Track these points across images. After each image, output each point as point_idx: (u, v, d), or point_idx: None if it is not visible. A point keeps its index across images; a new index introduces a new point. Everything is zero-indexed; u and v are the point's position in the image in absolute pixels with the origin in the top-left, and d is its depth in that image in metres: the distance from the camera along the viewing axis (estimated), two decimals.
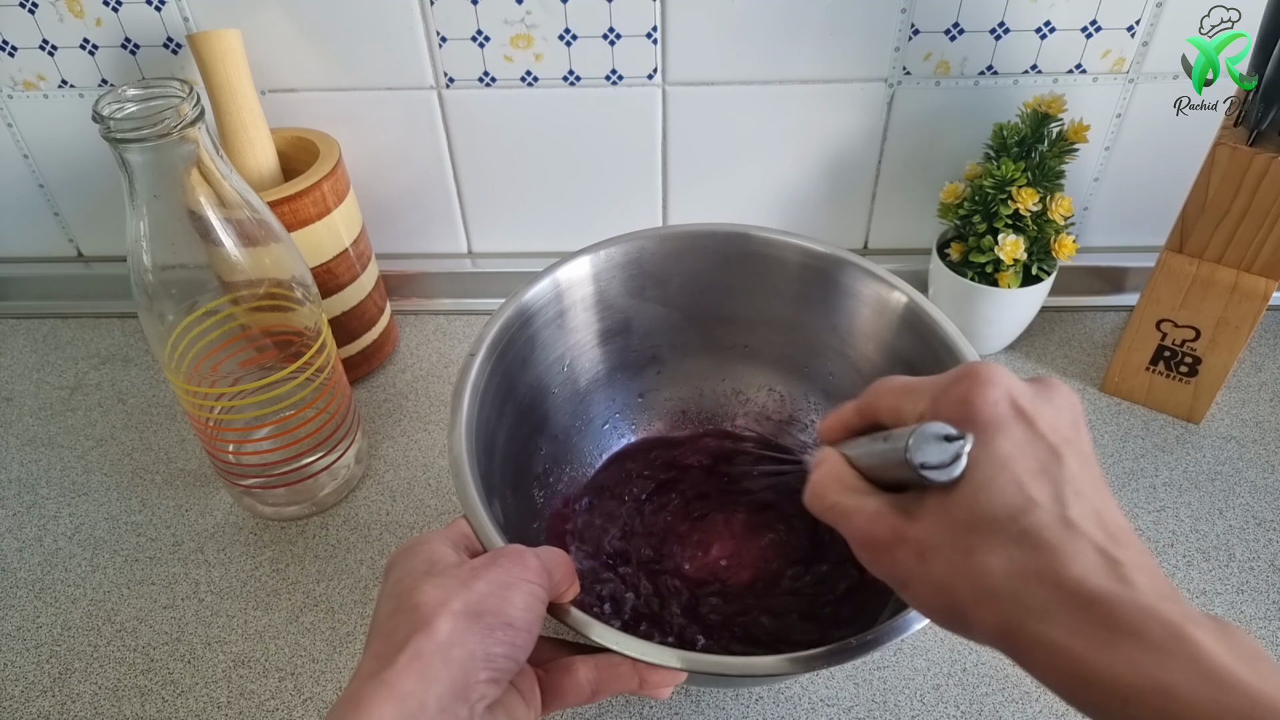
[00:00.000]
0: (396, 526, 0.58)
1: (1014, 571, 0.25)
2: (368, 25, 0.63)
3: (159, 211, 0.45)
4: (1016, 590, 0.25)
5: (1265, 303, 0.56)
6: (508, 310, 0.49)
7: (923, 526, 0.28)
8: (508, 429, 0.49)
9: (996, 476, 0.27)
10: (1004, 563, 0.25)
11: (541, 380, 0.53)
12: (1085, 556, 0.25)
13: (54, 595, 0.55)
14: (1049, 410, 0.28)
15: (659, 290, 0.54)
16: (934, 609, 0.28)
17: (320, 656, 0.51)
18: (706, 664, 0.36)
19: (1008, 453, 0.27)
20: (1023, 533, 0.25)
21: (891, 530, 0.29)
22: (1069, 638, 0.24)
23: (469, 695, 0.30)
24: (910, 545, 0.28)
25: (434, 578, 0.32)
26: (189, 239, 0.47)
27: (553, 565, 0.35)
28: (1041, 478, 0.26)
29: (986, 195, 0.61)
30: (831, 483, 0.32)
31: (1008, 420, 0.28)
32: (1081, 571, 0.24)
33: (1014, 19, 0.61)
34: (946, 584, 0.27)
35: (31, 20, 0.64)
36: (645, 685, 0.36)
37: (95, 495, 0.61)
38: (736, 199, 0.72)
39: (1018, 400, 0.28)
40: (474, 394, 0.45)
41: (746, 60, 0.64)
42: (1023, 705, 0.48)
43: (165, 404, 0.68)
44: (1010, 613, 0.25)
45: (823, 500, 0.32)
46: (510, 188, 0.72)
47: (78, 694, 0.50)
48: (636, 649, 0.35)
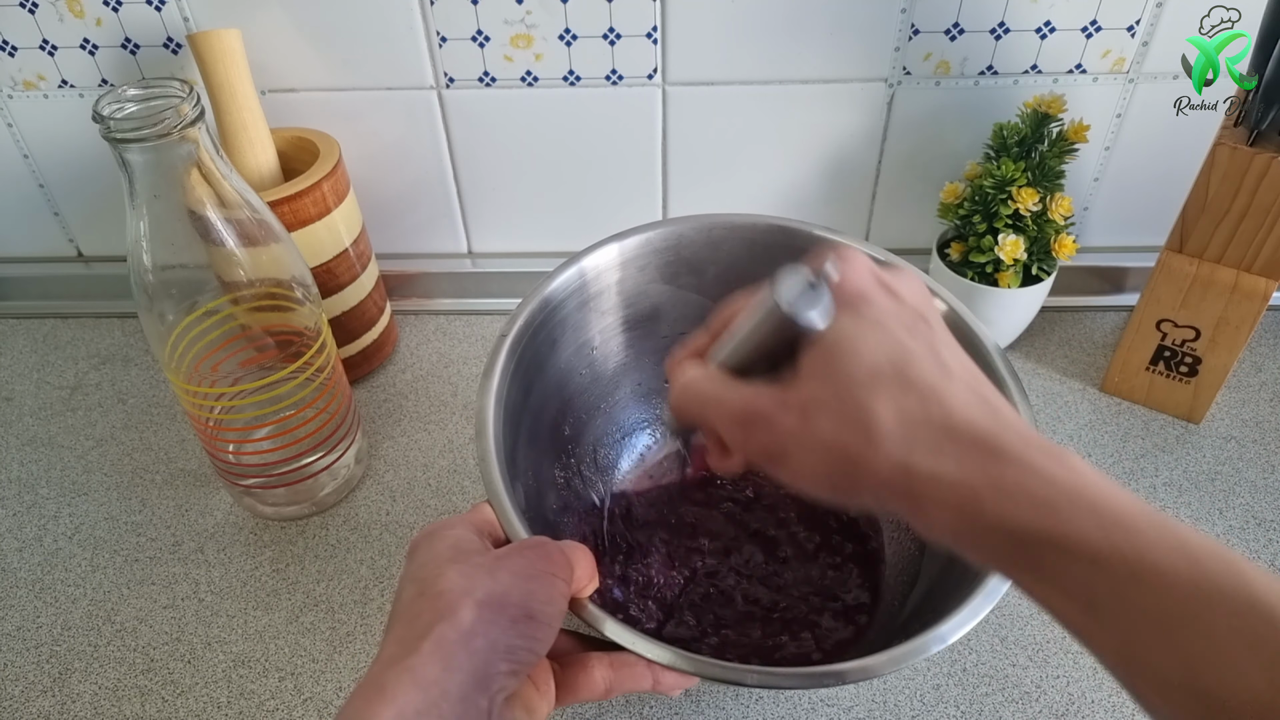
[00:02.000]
0: (396, 526, 0.58)
1: (903, 416, 0.26)
2: (368, 25, 0.63)
3: (159, 211, 0.45)
4: (907, 433, 0.26)
5: (1265, 303, 0.56)
6: (534, 299, 0.48)
7: (804, 389, 0.28)
8: (533, 412, 0.49)
9: (873, 333, 0.28)
10: (893, 408, 0.26)
11: (569, 363, 0.52)
12: (966, 398, 0.26)
13: (54, 595, 0.55)
14: (904, 285, 0.30)
15: (694, 278, 0.54)
16: (818, 472, 0.28)
17: (320, 656, 0.51)
18: (722, 671, 0.35)
19: (879, 315, 0.28)
20: (908, 381, 0.27)
21: (772, 398, 0.29)
22: (960, 469, 0.25)
23: (489, 686, 0.30)
24: (792, 409, 0.28)
25: (458, 564, 0.32)
26: (189, 239, 0.47)
27: (576, 560, 0.35)
28: (914, 334, 0.28)
29: (986, 195, 0.61)
30: (698, 379, 0.31)
31: (873, 290, 0.29)
32: (966, 412, 0.26)
33: (1014, 19, 0.61)
34: (834, 439, 0.27)
35: (31, 20, 0.64)
36: (659, 685, 0.36)
37: (95, 495, 0.61)
38: (737, 199, 0.72)
39: (878, 275, 0.30)
40: (503, 376, 0.44)
41: (746, 60, 0.64)
42: (1023, 705, 0.48)
43: (165, 404, 0.68)
44: (903, 454, 0.26)
45: (692, 396, 0.31)
46: (510, 188, 0.72)
47: (78, 694, 0.50)
48: (653, 652, 0.35)
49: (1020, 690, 0.48)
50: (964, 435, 0.26)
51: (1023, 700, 0.48)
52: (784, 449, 0.28)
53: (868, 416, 0.26)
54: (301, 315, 0.53)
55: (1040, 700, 0.48)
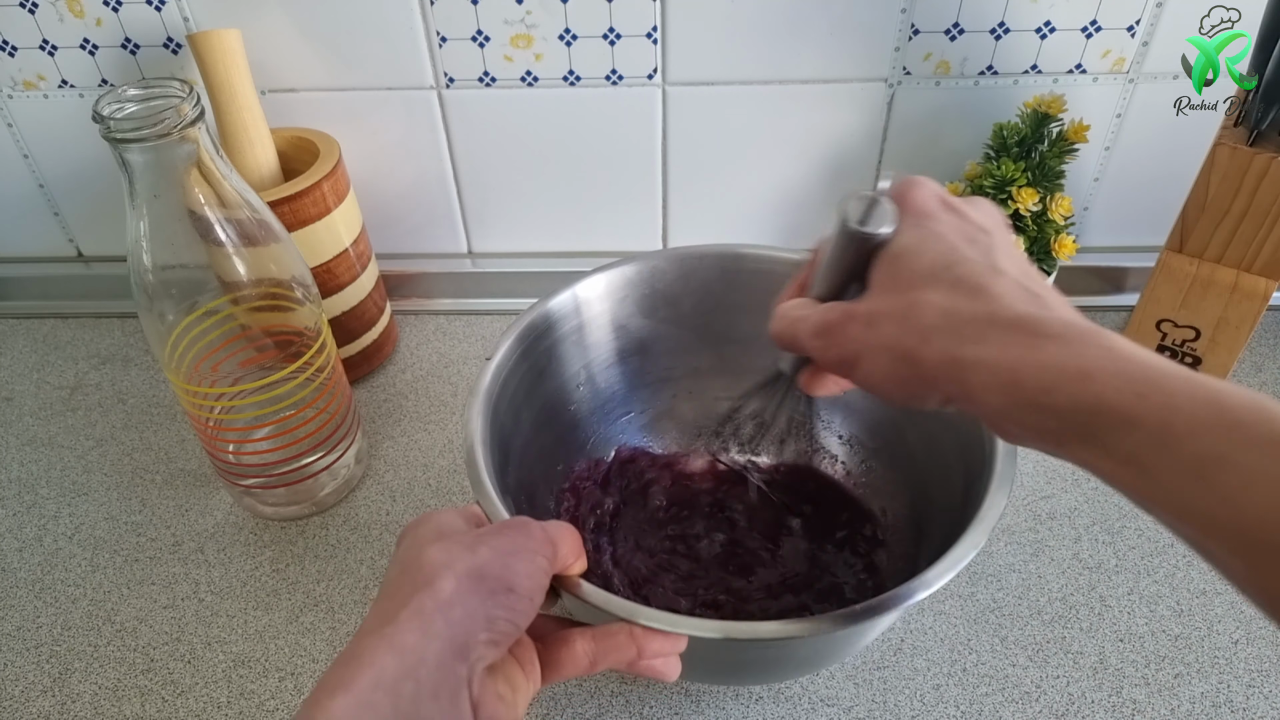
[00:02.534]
0: (396, 526, 0.58)
1: (950, 312, 0.28)
2: (368, 25, 0.63)
3: (159, 211, 0.45)
4: (955, 325, 0.28)
5: (1265, 303, 0.56)
6: (519, 325, 0.49)
7: (870, 300, 0.31)
8: (524, 437, 0.49)
9: (931, 243, 0.30)
10: (941, 303, 0.29)
11: (560, 392, 0.53)
12: (1013, 293, 0.28)
13: (54, 595, 0.55)
14: (975, 211, 0.32)
15: (672, 310, 0.55)
16: (886, 374, 0.30)
17: (320, 656, 0.51)
18: (705, 628, 0.36)
19: (940, 228, 0.31)
20: (957, 280, 0.29)
21: (843, 312, 0.32)
22: (1002, 352, 0.27)
23: (468, 654, 0.30)
24: (859, 318, 0.31)
25: (440, 542, 0.33)
26: (189, 239, 0.47)
27: (559, 538, 0.35)
28: (972, 243, 0.30)
29: (987, 195, 0.61)
30: (789, 305, 0.35)
31: (938, 209, 0.32)
32: (1009, 301, 0.28)
33: (1014, 19, 0.61)
34: (894, 341, 0.29)
35: (31, 20, 0.64)
36: (644, 654, 0.36)
37: (95, 495, 0.61)
38: (736, 199, 0.72)
39: (946, 198, 0.32)
40: (487, 398, 0.45)
41: (746, 60, 0.64)
42: (1023, 705, 0.48)
43: (165, 404, 0.68)
44: (951, 345, 0.28)
45: (784, 320, 0.34)
46: (510, 188, 0.72)
47: (78, 694, 0.50)
48: (629, 611, 0.35)
49: (1020, 690, 0.48)
50: (1006, 322, 0.27)
51: (1023, 700, 0.48)
52: (856, 355, 0.31)
53: (918, 315, 0.29)
54: (301, 315, 0.53)
55: (1040, 700, 0.48)
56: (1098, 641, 0.50)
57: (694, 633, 0.35)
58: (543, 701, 0.48)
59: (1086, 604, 0.52)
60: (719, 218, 0.73)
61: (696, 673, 0.44)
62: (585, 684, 0.49)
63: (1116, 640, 0.50)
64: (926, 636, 0.51)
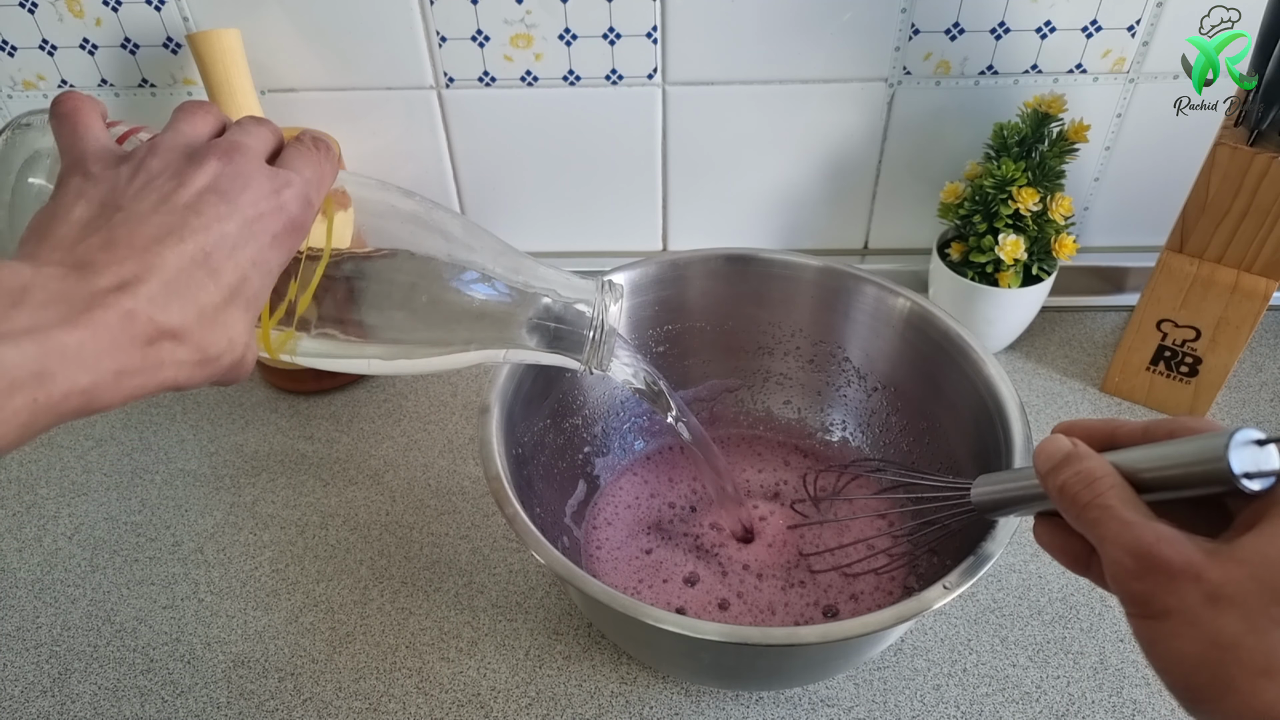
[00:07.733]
0: (396, 526, 0.58)
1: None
2: (367, 25, 0.63)
3: None
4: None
5: (1265, 303, 0.56)
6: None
7: (1227, 570, 0.24)
8: (537, 433, 0.51)
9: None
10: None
11: (573, 390, 0.54)
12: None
13: (54, 595, 0.55)
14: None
15: (682, 312, 0.56)
16: (1187, 668, 0.24)
17: (320, 657, 0.51)
18: (709, 631, 0.36)
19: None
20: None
21: (1186, 560, 0.24)
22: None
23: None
24: (1204, 585, 0.24)
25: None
26: None
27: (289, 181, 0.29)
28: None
29: (987, 195, 0.60)
30: (1110, 487, 0.26)
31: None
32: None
33: (1014, 19, 0.61)
34: (1230, 643, 0.23)
35: (31, 20, 0.64)
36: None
37: (95, 495, 0.61)
38: (736, 199, 0.72)
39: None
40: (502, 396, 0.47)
41: (746, 60, 0.64)
42: (1023, 705, 0.48)
43: (165, 404, 0.68)
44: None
45: (1095, 499, 0.26)
46: (510, 188, 0.72)
47: (78, 694, 0.50)
48: (634, 609, 0.37)
49: (1020, 690, 0.48)
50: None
51: (1023, 700, 0.48)
52: (1167, 620, 0.24)
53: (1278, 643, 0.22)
54: None
55: (1040, 700, 0.48)
56: (1098, 641, 0.50)
57: (703, 636, 0.35)
58: (543, 701, 0.48)
59: (1086, 604, 0.52)
60: (719, 218, 0.73)
61: (703, 675, 0.44)
62: (585, 684, 0.49)
63: (1116, 640, 0.50)
64: (927, 637, 0.51)
